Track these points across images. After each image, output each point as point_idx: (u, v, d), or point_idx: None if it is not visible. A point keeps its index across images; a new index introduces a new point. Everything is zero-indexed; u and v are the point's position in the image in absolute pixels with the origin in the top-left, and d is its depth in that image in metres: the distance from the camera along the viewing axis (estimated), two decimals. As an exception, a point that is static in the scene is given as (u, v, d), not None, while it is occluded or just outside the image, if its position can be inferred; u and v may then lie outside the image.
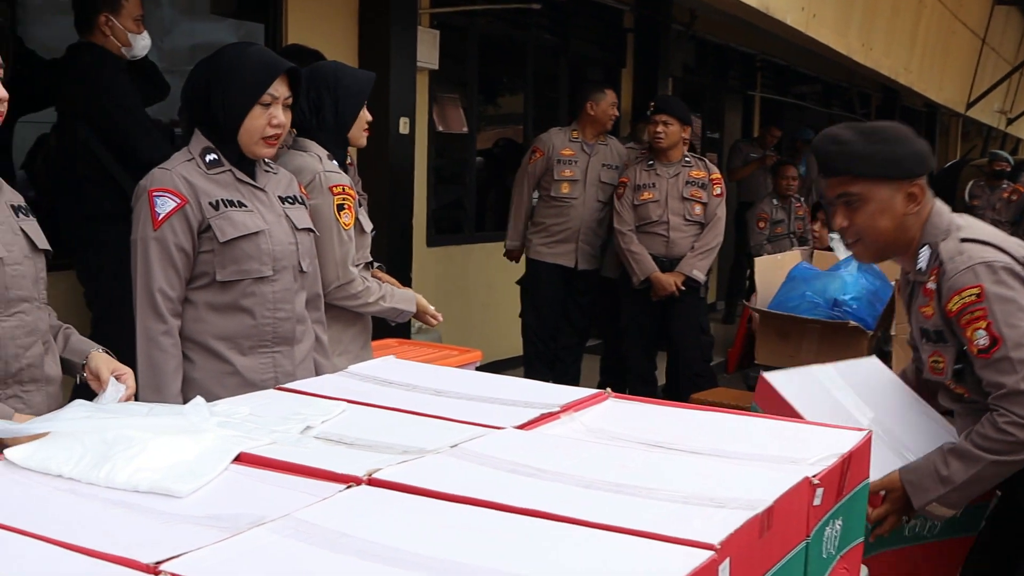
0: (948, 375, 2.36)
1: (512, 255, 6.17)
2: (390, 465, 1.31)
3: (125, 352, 2.42)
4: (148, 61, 4.12)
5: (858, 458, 1.54)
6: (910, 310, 2.54)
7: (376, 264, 3.39)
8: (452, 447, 1.41)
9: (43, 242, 2.16)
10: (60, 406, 1.71)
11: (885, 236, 2.40)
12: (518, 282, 6.23)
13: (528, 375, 6.15)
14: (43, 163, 4.47)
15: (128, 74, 3.98)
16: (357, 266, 3.09)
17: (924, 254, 2.39)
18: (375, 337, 4.81)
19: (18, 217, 2.12)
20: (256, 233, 2.50)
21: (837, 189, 2.41)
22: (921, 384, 2.59)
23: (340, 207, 2.94)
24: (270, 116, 2.50)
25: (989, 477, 2.26)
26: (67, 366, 2.19)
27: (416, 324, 6.25)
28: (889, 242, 2.42)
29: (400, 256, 5.88)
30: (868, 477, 1.60)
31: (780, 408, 2.28)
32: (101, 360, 2.15)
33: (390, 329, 5.49)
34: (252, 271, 2.50)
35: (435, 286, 6.70)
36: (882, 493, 2.32)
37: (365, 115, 3.14)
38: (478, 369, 4.63)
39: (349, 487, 1.25)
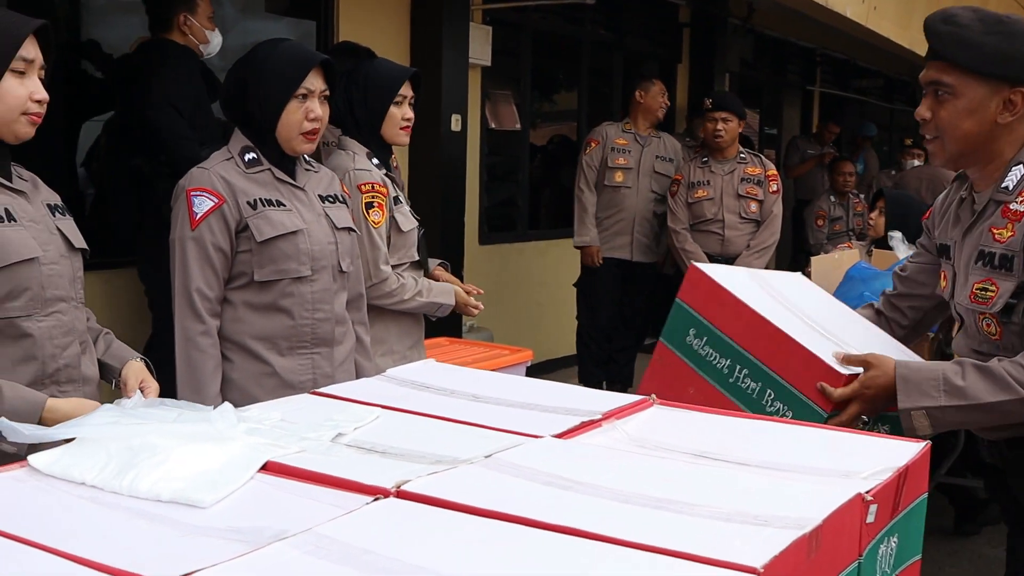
0: (997, 307, 2.11)
1: (588, 252, 5.97)
2: (420, 476, 1.26)
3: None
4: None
5: (915, 471, 1.46)
6: (968, 231, 2.24)
7: (439, 262, 3.36)
8: (487, 457, 1.36)
9: (80, 241, 2.14)
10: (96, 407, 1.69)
11: (967, 141, 2.16)
12: (575, 284, 6.17)
13: (581, 375, 6.09)
14: (99, 161, 4.49)
15: (201, 73, 4.06)
16: (401, 265, 3.06)
17: (1017, 172, 2.15)
18: (428, 336, 4.80)
19: (55, 216, 2.11)
20: (294, 232, 2.48)
21: (931, 74, 2.17)
22: (909, 329, 2.44)
23: (369, 205, 2.91)
24: (307, 110, 2.47)
25: (1005, 412, 2.02)
26: (105, 370, 2.18)
27: (467, 323, 6.25)
28: (970, 149, 2.18)
29: (452, 254, 5.85)
30: (926, 491, 1.52)
31: (718, 299, 2.18)
32: (132, 370, 2.15)
33: (441, 328, 5.48)
34: (290, 271, 2.47)
35: (487, 284, 6.63)
36: (852, 371, 2.07)
37: (403, 111, 3.08)
38: (529, 368, 4.58)
39: (376, 499, 1.20)
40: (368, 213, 2.91)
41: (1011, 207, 2.13)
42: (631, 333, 6.04)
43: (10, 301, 1.97)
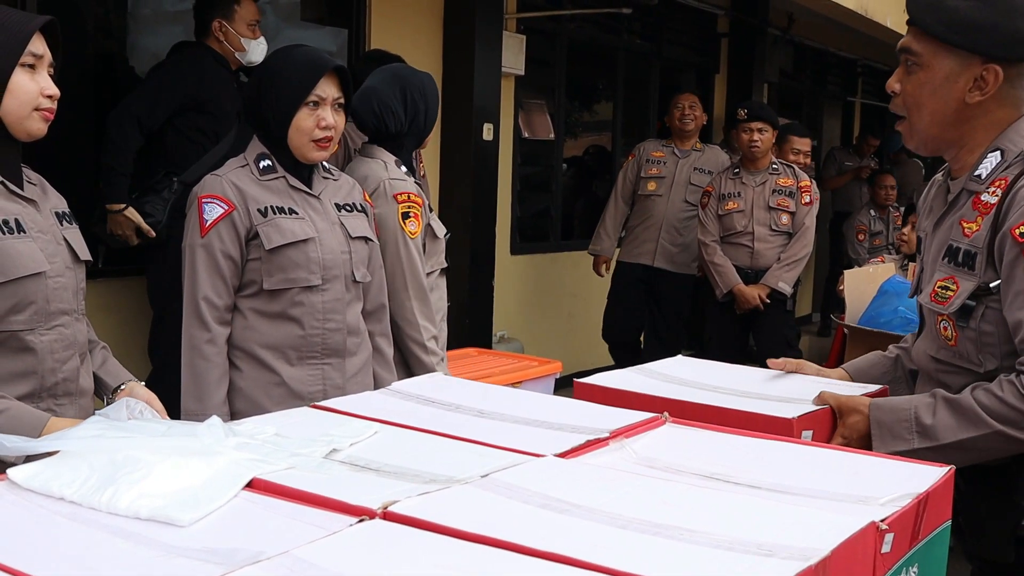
0: (953, 307, 1.89)
1: (596, 263, 6.14)
2: (409, 497, 1.21)
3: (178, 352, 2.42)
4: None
5: (937, 497, 1.39)
6: (940, 222, 2.02)
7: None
8: (482, 477, 1.30)
9: (85, 253, 2.12)
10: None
11: (934, 121, 1.93)
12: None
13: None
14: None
15: (233, 80, 4.07)
16: (432, 272, 3.01)
17: (992, 159, 1.91)
18: (458, 346, 4.77)
19: (62, 225, 2.08)
20: (304, 241, 2.44)
21: (905, 41, 1.94)
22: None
23: (405, 215, 2.86)
24: (318, 118, 2.44)
25: (982, 449, 1.79)
26: (98, 385, 2.15)
27: (497, 333, 6.20)
28: (939, 132, 1.94)
29: (483, 263, 5.82)
30: (949, 518, 1.44)
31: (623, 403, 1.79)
32: (138, 393, 2.10)
33: (471, 339, 5.44)
34: (300, 280, 2.43)
35: (518, 294, 6.61)
36: (803, 411, 1.80)
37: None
38: (559, 380, 4.52)
39: (361, 520, 1.15)
40: (405, 223, 2.86)
41: (982, 198, 1.90)
42: (662, 346, 5.98)
43: (15, 314, 1.94)
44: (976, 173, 1.93)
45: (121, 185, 3.78)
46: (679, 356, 2.27)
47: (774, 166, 5.42)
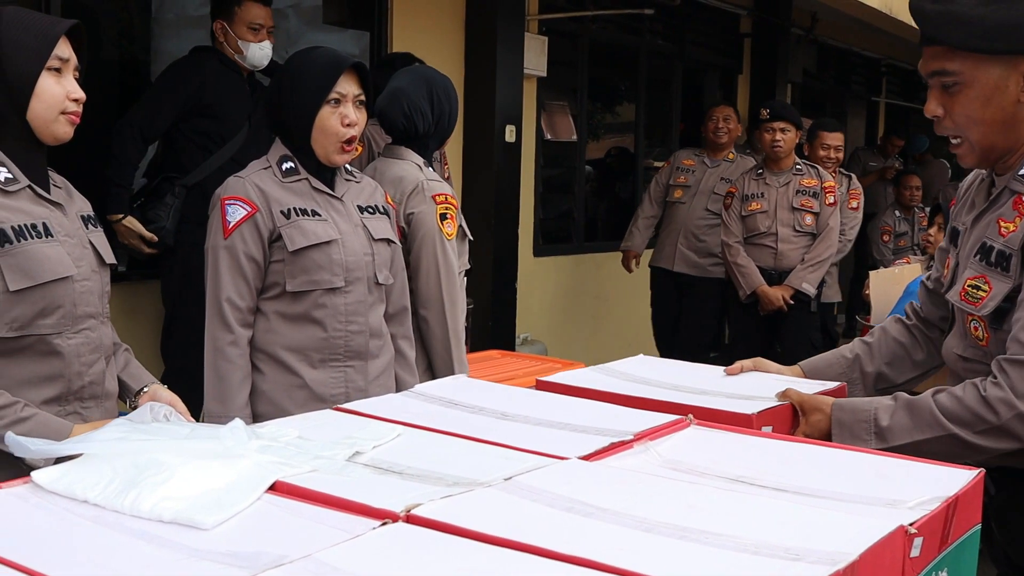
0: (986, 309, 1.84)
1: (625, 257, 6.37)
2: (432, 500, 1.20)
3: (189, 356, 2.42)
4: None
5: (967, 501, 1.37)
6: (979, 217, 1.96)
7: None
8: (506, 480, 1.29)
9: (110, 256, 2.12)
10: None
11: (994, 132, 1.85)
12: None
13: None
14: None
15: (243, 83, 4.04)
16: (458, 273, 3.02)
17: None
18: (481, 348, 4.75)
19: (87, 228, 2.08)
20: (327, 243, 2.43)
21: (931, 63, 1.87)
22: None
23: (443, 216, 2.86)
24: (341, 115, 2.43)
25: (936, 452, 1.72)
26: (121, 388, 2.15)
27: (521, 335, 6.19)
28: (1000, 141, 1.87)
29: (505, 265, 5.81)
30: (979, 522, 1.42)
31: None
32: (161, 396, 2.11)
33: (494, 341, 5.43)
34: (323, 282, 2.43)
35: (541, 296, 6.59)
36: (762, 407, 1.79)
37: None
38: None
39: (384, 524, 1.14)
40: (442, 224, 2.86)
41: (1023, 198, 1.85)
42: (695, 349, 6.00)
43: (43, 318, 1.95)
44: (1021, 172, 1.88)
45: (119, 196, 3.78)
46: (640, 355, 2.25)
47: (797, 166, 5.39)
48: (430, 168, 2.98)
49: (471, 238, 3.16)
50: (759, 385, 2.01)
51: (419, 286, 2.86)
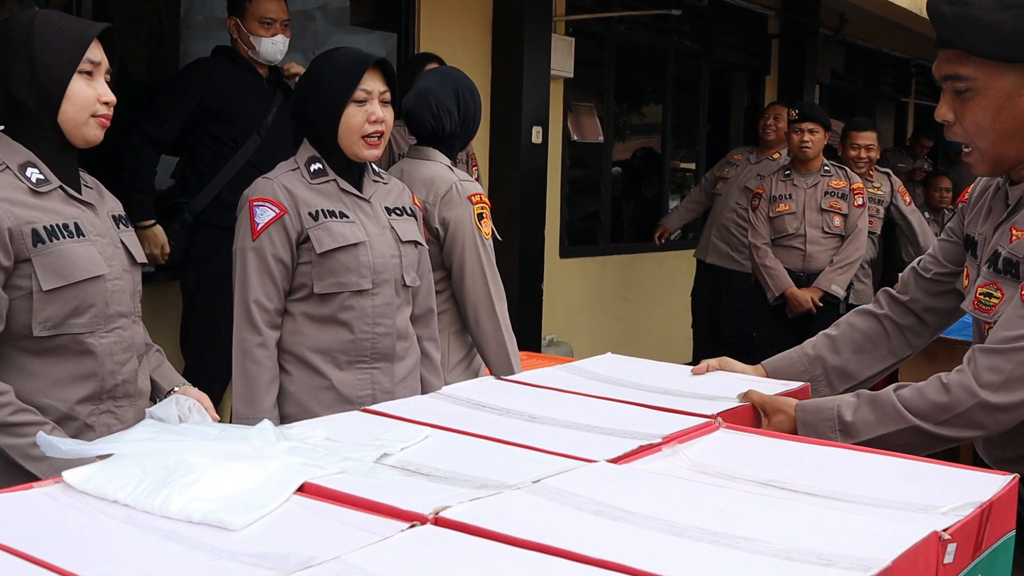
0: (999, 315, 1.81)
1: (658, 229, 6.78)
2: (461, 502, 1.19)
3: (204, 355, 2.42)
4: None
5: (1001, 507, 1.35)
6: (999, 227, 1.93)
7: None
8: (534, 482, 1.29)
9: (141, 255, 2.14)
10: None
11: (1005, 141, 1.82)
12: None
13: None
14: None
15: (261, 84, 4.00)
16: None
17: None
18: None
19: (119, 228, 2.10)
20: (355, 245, 2.44)
21: (945, 66, 1.83)
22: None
23: (480, 216, 2.87)
24: (367, 113, 2.43)
25: (902, 445, 1.72)
26: (152, 387, 2.17)
27: (547, 337, 6.18)
28: (1006, 152, 1.84)
29: (531, 266, 5.80)
30: (1013, 528, 1.41)
31: None
32: (191, 393, 2.12)
33: (520, 342, 5.42)
34: (350, 284, 2.43)
35: (568, 298, 6.58)
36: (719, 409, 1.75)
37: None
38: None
39: (412, 526, 1.14)
40: (480, 224, 2.87)
41: None
42: (736, 342, 6.02)
43: (75, 317, 1.97)
44: None
45: (140, 203, 3.76)
46: (608, 353, 2.24)
47: (826, 168, 5.35)
48: (457, 168, 2.99)
49: (499, 238, 3.16)
50: (722, 385, 1.98)
51: (465, 288, 2.86)
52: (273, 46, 3.93)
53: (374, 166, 2.61)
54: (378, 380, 2.50)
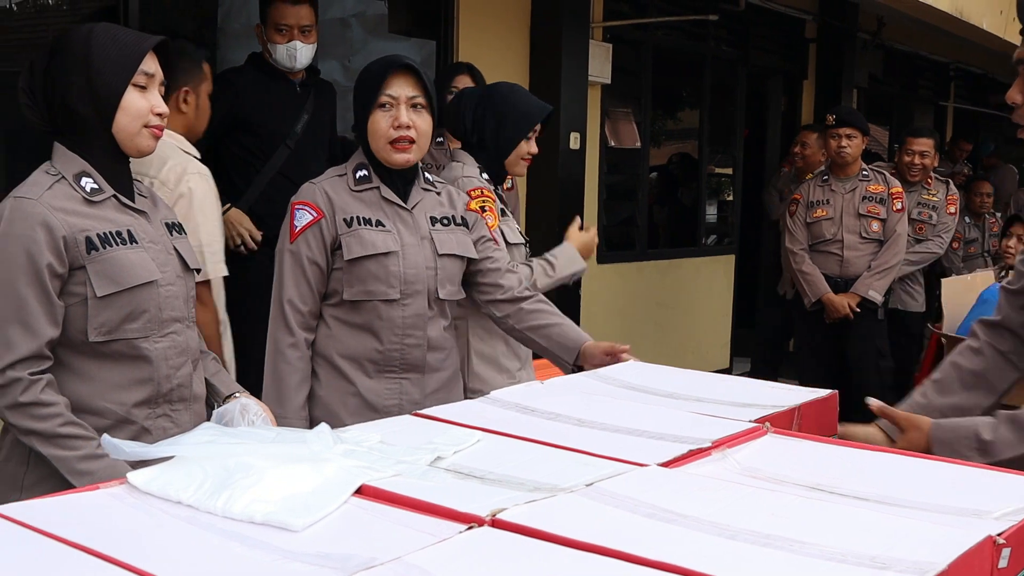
0: None
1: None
2: (517, 505, 1.21)
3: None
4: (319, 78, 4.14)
5: (1052, 512, 1.35)
6: None
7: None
8: (587, 486, 1.31)
9: (194, 261, 2.17)
10: (203, 425, 1.69)
11: None
12: None
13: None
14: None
15: (291, 91, 3.94)
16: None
17: None
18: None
19: (172, 235, 2.14)
20: (385, 254, 2.44)
21: (1022, 51, 1.87)
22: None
23: (481, 209, 2.87)
24: (392, 118, 2.42)
25: None
26: (209, 391, 2.21)
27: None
28: None
29: (568, 273, 5.80)
30: (1064, 533, 1.40)
31: None
32: (252, 402, 2.15)
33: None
34: (378, 293, 2.44)
35: (605, 304, 6.58)
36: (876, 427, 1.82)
37: (528, 147, 3.01)
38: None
39: (470, 528, 1.16)
40: (483, 216, 2.88)
41: None
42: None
43: (129, 323, 2.01)
44: None
45: None
46: (631, 361, 2.28)
47: (864, 172, 5.33)
48: (485, 175, 2.98)
49: (527, 239, 3.18)
50: (753, 393, 1.95)
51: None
52: (286, 52, 3.81)
53: (427, 174, 2.61)
54: (407, 390, 2.50)
